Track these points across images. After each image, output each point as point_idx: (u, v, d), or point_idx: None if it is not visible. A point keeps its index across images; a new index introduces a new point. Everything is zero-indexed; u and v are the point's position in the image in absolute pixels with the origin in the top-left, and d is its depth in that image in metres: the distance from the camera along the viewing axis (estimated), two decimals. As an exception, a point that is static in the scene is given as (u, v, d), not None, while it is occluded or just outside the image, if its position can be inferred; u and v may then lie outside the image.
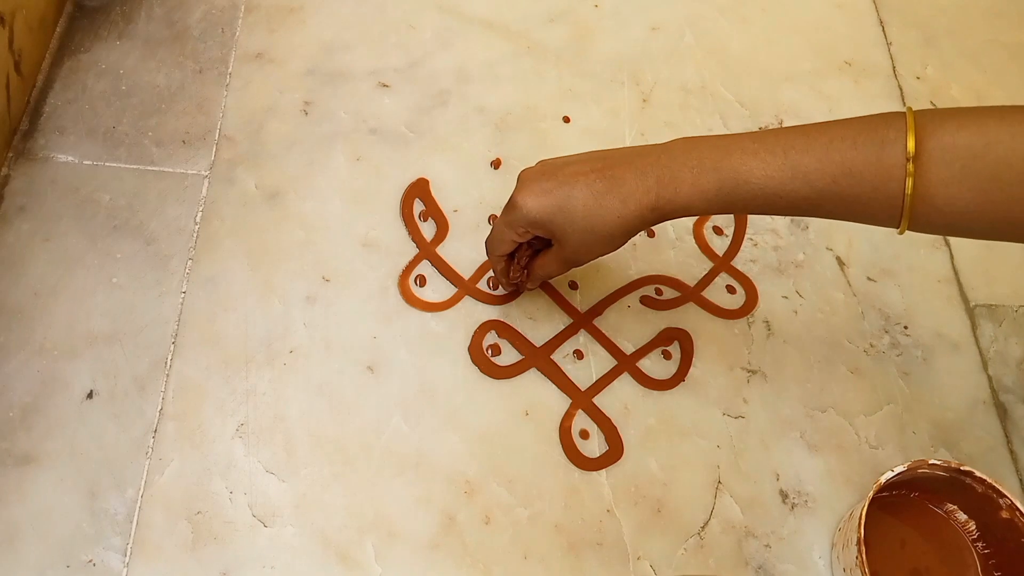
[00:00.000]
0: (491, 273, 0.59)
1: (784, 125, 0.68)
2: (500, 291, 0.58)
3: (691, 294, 0.60)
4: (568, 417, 0.54)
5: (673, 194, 0.46)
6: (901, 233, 0.43)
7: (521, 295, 0.58)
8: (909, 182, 0.40)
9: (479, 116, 0.66)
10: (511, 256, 0.54)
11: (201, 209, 0.60)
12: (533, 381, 0.56)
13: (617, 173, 0.47)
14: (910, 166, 0.40)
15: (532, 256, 0.54)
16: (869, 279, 0.62)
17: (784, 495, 0.53)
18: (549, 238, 0.51)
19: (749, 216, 0.63)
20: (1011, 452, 0.56)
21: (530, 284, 0.56)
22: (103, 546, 0.48)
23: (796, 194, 0.43)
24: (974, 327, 0.61)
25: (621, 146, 0.50)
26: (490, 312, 0.58)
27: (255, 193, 0.61)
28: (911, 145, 0.40)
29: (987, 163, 0.39)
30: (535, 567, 0.50)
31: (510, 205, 0.50)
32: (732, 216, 0.63)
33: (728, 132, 0.67)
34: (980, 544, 0.51)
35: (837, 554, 0.50)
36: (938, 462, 0.49)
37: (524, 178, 0.50)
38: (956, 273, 0.63)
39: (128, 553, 0.48)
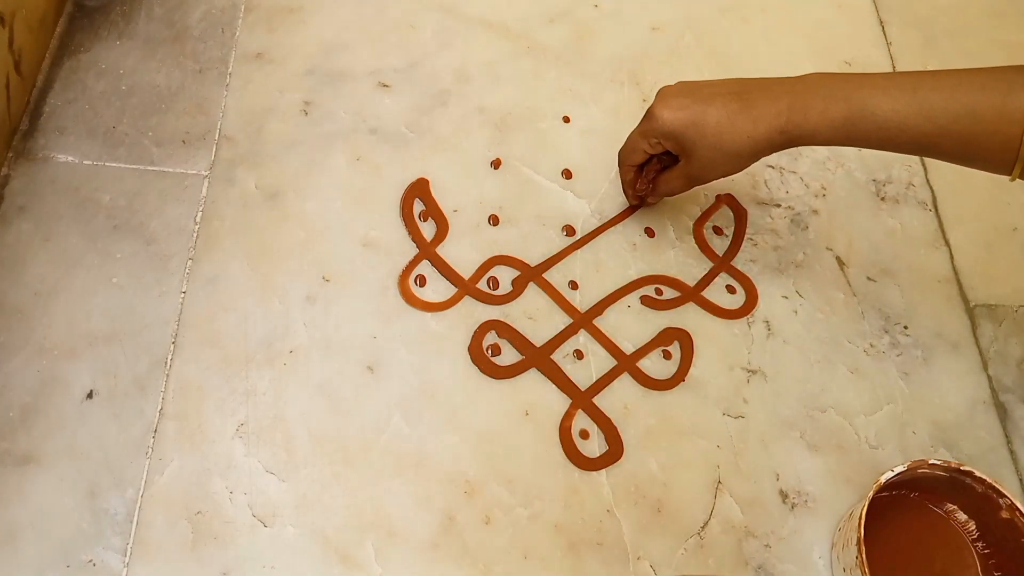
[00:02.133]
0: (491, 273, 0.59)
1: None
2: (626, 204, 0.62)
3: (691, 294, 0.60)
4: (568, 417, 0.54)
5: (803, 119, 0.48)
6: (1012, 180, 0.45)
7: (522, 295, 0.58)
8: None
9: (479, 116, 0.66)
10: (640, 169, 0.58)
11: (201, 209, 0.60)
12: (533, 381, 0.56)
13: (752, 96, 0.50)
14: None
15: (659, 171, 0.57)
16: (869, 279, 0.62)
17: (784, 495, 0.53)
18: (678, 153, 0.54)
19: (749, 216, 0.63)
20: (1011, 452, 0.56)
21: (651, 198, 0.60)
22: (103, 546, 0.48)
23: (918, 130, 0.46)
24: (974, 327, 0.61)
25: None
26: (490, 312, 0.58)
27: (255, 193, 0.61)
28: None
29: None
30: (535, 567, 0.50)
31: (647, 116, 0.54)
32: (732, 216, 0.63)
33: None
34: (980, 544, 0.51)
35: (837, 554, 0.50)
36: (938, 462, 0.49)
37: (663, 92, 0.53)
38: (956, 273, 0.63)
39: (128, 553, 0.48)
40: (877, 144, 0.48)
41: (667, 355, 0.57)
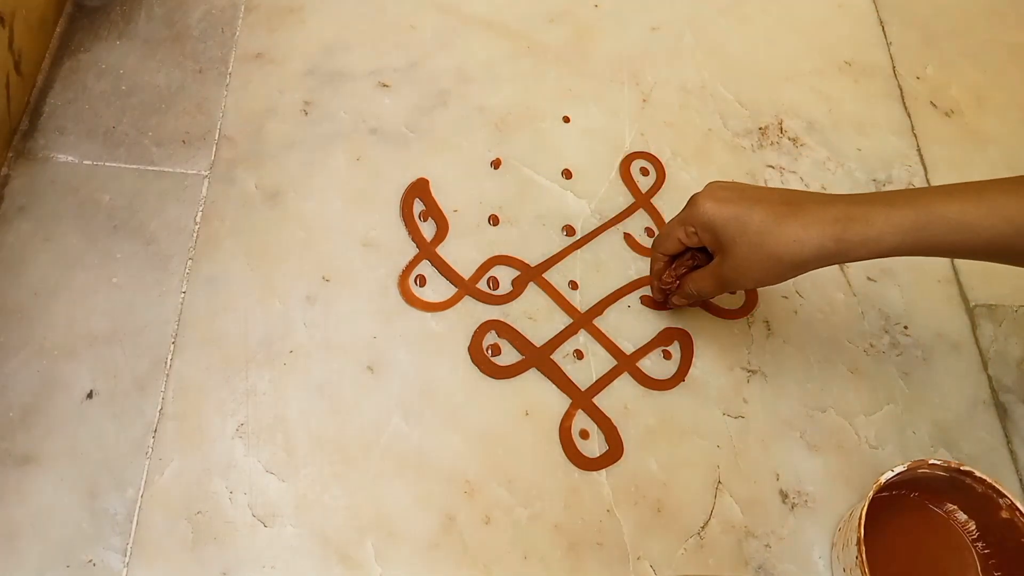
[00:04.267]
0: (491, 273, 0.59)
1: (784, 125, 0.68)
2: (655, 298, 0.58)
3: (691, 294, 0.60)
4: (568, 417, 0.54)
5: (864, 226, 0.45)
6: None
7: (522, 295, 0.58)
8: None
9: (479, 116, 0.66)
10: (671, 260, 0.54)
11: (201, 209, 0.60)
12: (533, 381, 0.56)
13: (804, 203, 0.47)
14: None
15: (691, 269, 0.53)
16: (869, 279, 0.62)
17: (784, 495, 0.53)
18: (714, 250, 0.50)
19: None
20: (1011, 452, 0.56)
21: (676, 299, 0.56)
22: (103, 546, 0.48)
23: (994, 231, 0.44)
24: (974, 327, 0.61)
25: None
26: (490, 312, 0.58)
27: (255, 193, 0.61)
28: None
29: None
30: (535, 567, 0.50)
31: (689, 203, 0.50)
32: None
33: (727, 131, 0.68)
34: (980, 544, 0.51)
35: (837, 554, 0.50)
36: (938, 462, 0.49)
37: (711, 185, 0.50)
38: (956, 273, 0.63)
39: (128, 553, 0.48)
40: (948, 249, 0.45)
41: (667, 355, 0.57)
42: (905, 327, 0.60)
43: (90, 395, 0.52)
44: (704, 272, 0.52)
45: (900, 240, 0.45)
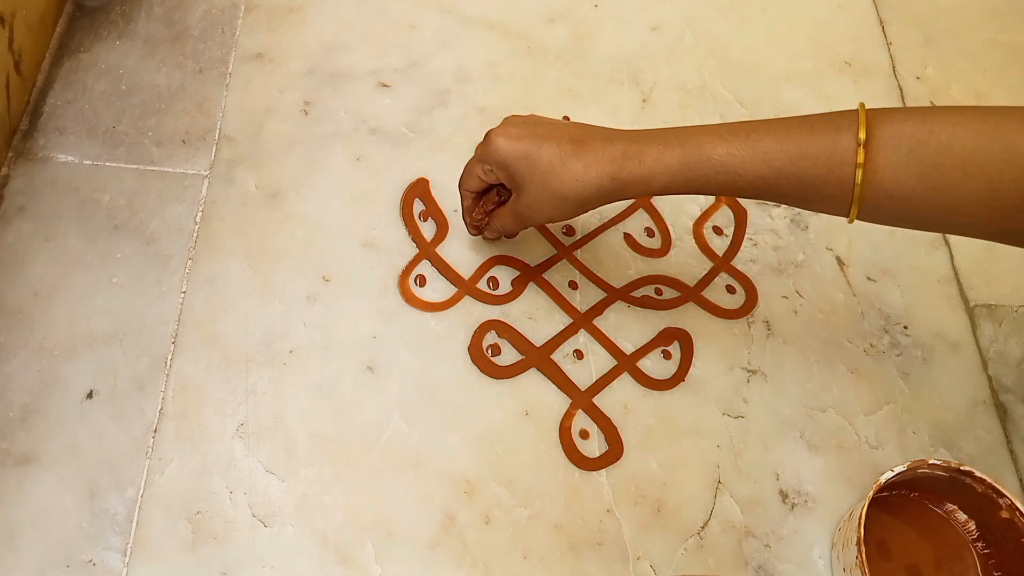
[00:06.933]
0: (491, 273, 0.59)
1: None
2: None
3: (691, 294, 0.60)
4: (568, 417, 0.54)
5: (636, 165, 0.47)
6: (851, 221, 0.45)
7: (522, 295, 0.58)
8: (859, 169, 0.43)
9: (479, 116, 0.66)
10: (479, 197, 0.56)
11: (201, 209, 0.60)
12: (533, 381, 0.56)
13: (587, 141, 0.49)
14: (861, 151, 0.42)
15: (498, 204, 0.55)
16: (869, 279, 0.62)
17: (784, 495, 0.53)
18: (510, 186, 0.52)
19: (749, 216, 0.63)
20: (1011, 452, 0.56)
21: (488, 233, 0.58)
22: (103, 546, 0.48)
23: (755, 173, 0.45)
24: (974, 327, 0.61)
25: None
26: (490, 312, 0.58)
27: (255, 193, 0.61)
28: (862, 132, 0.42)
29: (930, 148, 0.41)
30: (535, 567, 0.50)
31: (485, 139, 0.52)
32: (732, 216, 0.63)
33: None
34: (980, 544, 0.51)
35: (837, 554, 0.50)
36: (938, 462, 0.49)
37: (507, 120, 0.52)
38: (956, 273, 0.63)
39: (128, 553, 0.48)
40: (716, 188, 0.47)
41: (667, 355, 0.57)
42: (905, 327, 0.60)
43: (90, 395, 0.52)
44: (505, 209, 0.54)
45: (669, 179, 0.47)
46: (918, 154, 0.42)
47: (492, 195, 0.55)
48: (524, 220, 0.53)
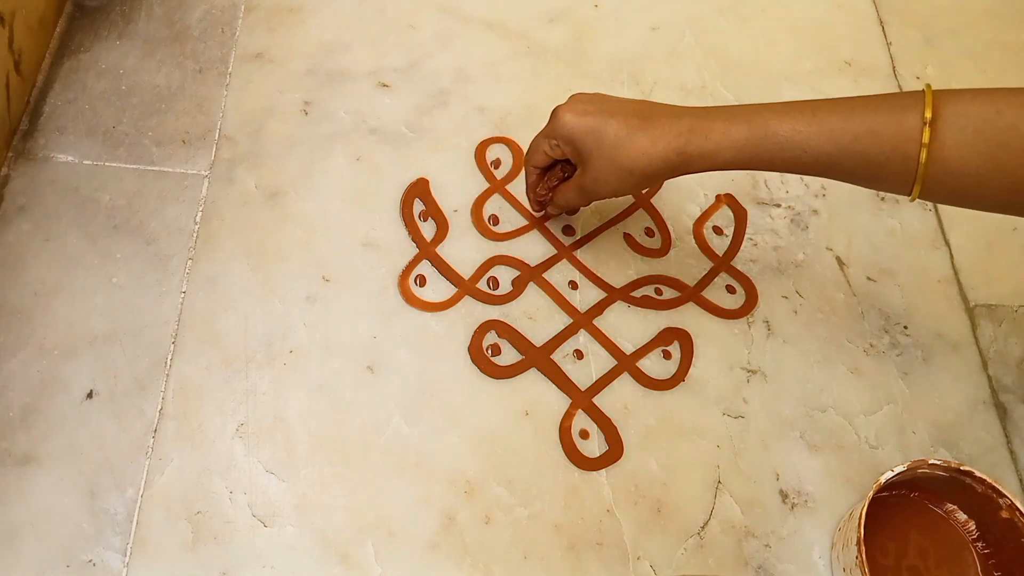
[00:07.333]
0: (491, 273, 0.59)
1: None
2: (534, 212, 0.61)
3: (691, 294, 0.60)
4: (568, 417, 0.54)
5: (703, 140, 0.48)
6: (912, 200, 0.45)
7: (522, 295, 0.58)
8: (923, 148, 0.43)
9: (479, 116, 0.66)
10: (543, 173, 0.57)
11: (201, 209, 0.60)
12: (533, 381, 0.56)
13: (655, 117, 0.50)
14: (927, 130, 0.43)
15: (562, 180, 0.56)
16: (869, 279, 0.62)
17: (784, 495, 0.53)
18: (576, 161, 0.53)
19: (749, 216, 0.63)
20: (1011, 452, 0.56)
21: (551, 208, 0.59)
22: (103, 546, 0.48)
23: (820, 150, 0.46)
24: (974, 327, 0.61)
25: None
26: (490, 312, 0.58)
27: (255, 193, 0.61)
28: (928, 111, 0.43)
29: (997, 129, 0.42)
30: (535, 567, 0.50)
31: (552, 115, 0.53)
32: (732, 216, 0.63)
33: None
34: (980, 544, 0.51)
35: (837, 554, 0.50)
36: (938, 462, 0.49)
37: (573, 97, 0.53)
38: (956, 273, 0.63)
39: (128, 553, 0.48)
40: (780, 165, 0.47)
41: (667, 355, 0.57)
42: (905, 327, 0.60)
43: (90, 395, 0.52)
44: (570, 184, 0.55)
45: (735, 155, 0.48)
46: (984, 134, 0.42)
47: (556, 171, 0.56)
48: (589, 194, 0.54)
